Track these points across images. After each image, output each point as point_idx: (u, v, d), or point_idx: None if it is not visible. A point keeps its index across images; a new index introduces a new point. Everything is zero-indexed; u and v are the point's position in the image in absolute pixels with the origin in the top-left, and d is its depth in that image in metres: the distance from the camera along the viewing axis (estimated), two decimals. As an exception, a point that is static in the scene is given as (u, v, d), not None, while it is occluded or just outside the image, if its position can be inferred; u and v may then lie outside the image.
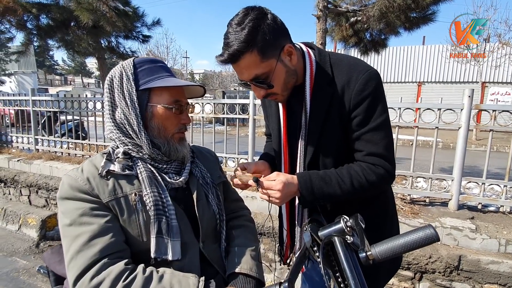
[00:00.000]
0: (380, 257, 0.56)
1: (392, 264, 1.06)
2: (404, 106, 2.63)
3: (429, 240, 0.52)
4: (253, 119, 3.30)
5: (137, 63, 0.81)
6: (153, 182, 0.76)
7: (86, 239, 0.68)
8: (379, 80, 0.86)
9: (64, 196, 0.73)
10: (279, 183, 0.81)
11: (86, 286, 0.64)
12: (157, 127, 0.80)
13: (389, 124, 0.88)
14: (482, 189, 2.58)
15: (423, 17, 3.73)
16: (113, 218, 0.73)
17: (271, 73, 0.83)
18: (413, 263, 2.31)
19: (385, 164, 0.85)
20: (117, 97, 0.79)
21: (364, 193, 0.86)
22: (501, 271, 2.15)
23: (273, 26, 0.80)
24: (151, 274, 0.69)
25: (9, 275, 2.23)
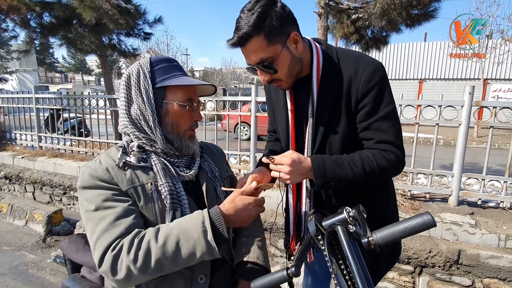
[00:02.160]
0: (381, 242, 0.60)
1: (391, 257, 1.09)
2: (405, 103, 2.65)
3: (426, 226, 0.55)
4: (255, 116, 3.33)
5: (154, 62, 0.85)
6: (167, 174, 0.81)
7: (112, 220, 0.73)
8: (384, 72, 0.90)
9: (86, 185, 0.77)
10: (289, 159, 0.85)
11: (109, 256, 0.70)
12: (170, 124, 0.84)
13: (396, 113, 0.91)
14: (482, 185, 2.61)
15: (425, 14, 3.73)
16: (133, 203, 0.78)
17: (276, 58, 0.86)
18: (413, 258, 2.35)
19: (396, 151, 0.88)
20: (134, 94, 0.83)
21: (375, 179, 0.88)
22: (500, 265, 2.18)
23: (281, 14, 0.84)
24: (158, 226, 0.75)
25: (18, 268, 2.28)
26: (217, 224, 0.74)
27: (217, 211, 0.77)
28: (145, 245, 0.70)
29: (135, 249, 0.70)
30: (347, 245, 0.67)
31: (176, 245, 0.71)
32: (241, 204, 0.78)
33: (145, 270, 0.70)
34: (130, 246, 0.70)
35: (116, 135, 5.14)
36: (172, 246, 0.71)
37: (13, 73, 23.31)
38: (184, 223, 0.74)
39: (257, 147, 3.44)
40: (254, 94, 3.30)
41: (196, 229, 0.72)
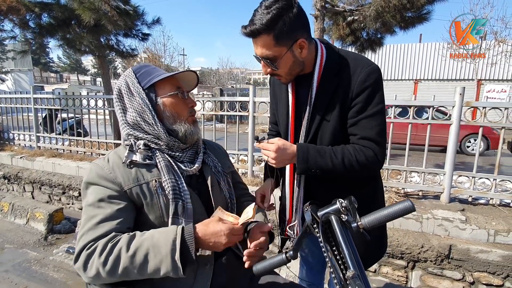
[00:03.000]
0: (368, 225, 0.67)
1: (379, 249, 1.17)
2: (399, 103, 2.74)
3: (407, 210, 0.63)
4: (253, 116, 3.40)
5: (135, 70, 0.93)
6: (171, 170, 0.87)
7: (98, 221, 0.79)
8: (379, 75, 0.97)
9: (91, 181, 0.84)
10: (274, 146, 0.94)
11: (84, 253, 0.76)
12: (171, 115, 0.91)
13: (384, 114, 0.98)
14: (473, 182, 2.70)
15: (418, 16, 3.83)
16: (126, 207, 0.82)
17: (280, 58, 0.94)
18: (406, 253, 2.43)
19: (375, 148, 0.95)
20: (127, 101, 0.90)
21: (353, 172, 0.95)
22: (490, 259, 2.27)
23: (294, 20, 0.90)
24: (135, 233, 0.79)
25: (21, 265, 2.32)
26: (187, 243, 0.75)
27: (190, 231, 0.77)
28: (116, 252, 0.74)
29: (106, 254, 0.74)
30: (339, 232, 0.73)
31: (144, 258, 0.74)
32: (212, 230, 0.78)
33: (112, 274, 0.74)
34: (103, 250, 0.75)
35: (114, 135, 5.18)
36: (140, 258, 0.74)
37: (8, 73, 23.12)
38: (156, 236, 0.77)
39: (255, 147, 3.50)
40: (252, 94, 3.36)
41: (166, 246, 0.74)
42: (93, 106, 4.48)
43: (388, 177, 2.97)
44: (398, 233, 2.50)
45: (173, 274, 0.74)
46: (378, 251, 1.15)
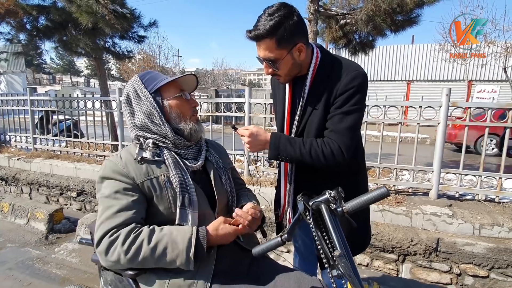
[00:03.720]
0: (351, 209, 0.76)
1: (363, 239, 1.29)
2: (389, 104, 2.85)
3: (383, 196, 0.73)
4: (249, 117, 3.48)
5: (141, 77, 1.02)
6: (177, 166, 0.95)
7: (115, 210, 0.87)
8: (364, 79, 1.07)
9: (106, 176, 0.92)
10: (248, 132, 1.08)
11: (106, 240, 0.85)
12: (177, 115, 1.00)
13: (359, 114, 1.08)
14: (459, 179, 2.83)
15: (408, 20, 3.96)
16: (139, 199, 0.91)
17: (280, 60, 1.04)
18: (396, 247, 2.54)
19: (341, 142, 1.04)
20: (135, 105, 0.99)
21: (318, 161, 1.05)
22: (475, 252, 2.39)
23: (294, 27, 1.01)
24: (154, 228, 0.89)
25: (24, 263, 2.37)
26: (201, 243, 0.87)
27: (204, 233, 0.89)
28: (138, 243, 0.84)
29: (129, 243, 0.83)
30: (328, 219, 0.83)
31: (163, 251, 0.84)
32: (222, 233, 0.91)
33: (131, 262, 0.84)
34: (126, 239, 0.84)
35: (111, 136, 5.22)
36: (160, 251, 0.84)
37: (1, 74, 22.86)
38: (175, 233, 0.87)
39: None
40: (247, 96, 3.45)
41: (183, 243, 0.85)
42: (90, 108, 4.52)
43: (380, 175, 3.08)
44: (389, 228, 2.61)
45: (185, 267, 0.85)
46: (363, 241, 1.26)
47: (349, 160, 1.07)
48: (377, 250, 2.63)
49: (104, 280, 1.00)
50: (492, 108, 2.62)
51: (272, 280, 0.92)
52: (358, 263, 2.68)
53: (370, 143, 3.14)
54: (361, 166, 1.25)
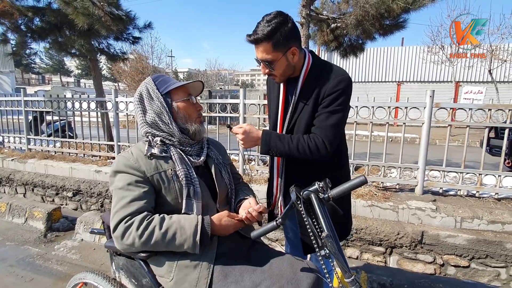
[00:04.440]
0: (335, 195, 0.88)
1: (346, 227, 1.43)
2: (377, 105, 3.00)
3: (361, 183, 0.85)
4: (243, 117, 3.59)
5: (154, 79, 1.13)
6: (183, 162, 1.06)
7: (129, 200, 0.98)
8: (348, 83, 1.20)
9: (119, 170, 1.02)
10: (242, 129, 1.19)
11: (122, 226, 0.95)
12: (184, 116, 1.11)
13: (343, 114, 1.21)
14: (443, 176, 2.99)
15: (396, 24, 4.13)
16: (149, 190, 1.02)
17: (276, 62, 1.17)
18: (384, 240, 2.68)
19: (325, 137, 1.17)
20: (147, 104, 1.10)
21: (305, 155, 1.18)
22: (457, 243, 2.55)
23: (288, 32, 1.14)
24: (164, 216, 0.99)
25: (25, 260, 2.42)
26: (206, 230, 0.98)
27: (208, 222, 1.00)
28: (151, 228, 0.94)
29: (143, 229, 0.94)
30: (317, 207, 0.95)
31: (172, 236, 0.95)
32: (225, 224, 1.03)
33: (144, 245, 0.94)
34: (140, 225, 0.94)
35: (106, 137, 5.25)
36: (170, 236, 0.95)
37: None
38: (183, 221, 0.98)
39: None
40: (242, 97, 3.56)
41: (190, 229, 0.96)
42: (85, 109, 4.55)
43: (369, 173, 3.23)
44: (377, 222, 2.76)
45: (191, 250, 0.96)
46: (345, 229, 1.42)
47: (333, 156, 1.20)
48: (366, 243, 2.77)
49: (116, 265, 1.09)
50: (472, 109, 2.80)
51: (268, 262, 1.03)
52: (348, 256, 2.81)
53: (361, 142, 3.27)
54: (344, 162, 1.39)
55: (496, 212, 2.66)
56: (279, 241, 2.79)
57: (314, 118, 1.22)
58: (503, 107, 2.73)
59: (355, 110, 3.09)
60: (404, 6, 3.32)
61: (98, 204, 3.98)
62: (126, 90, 19.02)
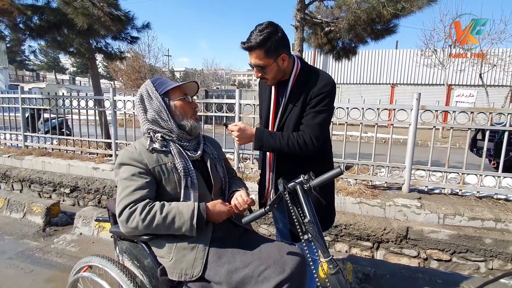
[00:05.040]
0: (316, 184, 1.00)
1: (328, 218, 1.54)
2: (366, 106, 3.14)
3: (338, 174, 0.97)
4: (239, 117, 3.70)
5: (153, 81, 1.25)
6: (181, 155, 1.17)
7: (133, 189, 1.09)
8: (333, 86, 1.34)
9: (124, 162, 1.13)
10: (237, 127, 1.31)
11: (126, 211, 1.06)
12: (180, 114, 1.23)
13: (328, 114, 1.33)
14: (428, 175, 3.14)
15: (386, 29, 4.29)
16: (151, 181, 1.13)
17: (267, 67, 1.30)
18: (371, 235, 2.82)
19: (312, 133, 1.30)
20: (148, 104, 1.21)
21: (294, 150, 1.29)
22: (439, 238, 2.69)
23: (279, 41, 1.27)
24: (164, 203, 1.10)
25: (24, 253, 2.49)
26: (201, 214, 1.08)
27: (204, 206, 1.11)
28: (153, 213, 1.05)
29: (145, 213, 1.05)
30: (302, 197, 1.06)
31: (172, 219, 1.05)
32: (218, 210, 1.13)
33: (147, 228, 1.05)
34: (143, 210, 1.05)
35: (103, 135, 5.31)
36: (169, 219, 1.05)
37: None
38: (181, 207, 1.09)
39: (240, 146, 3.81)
40: (238, 97, 3.67)
41: (187, 214, 1.07)
42: (83, 107, 4.62)
43: (359, 171, 3.37)
44: (365, 219, 2.89)
45: (189, 233, 1.07)
46: (329, 219, 1.54)
47: (319, 151, 1.32)
48: (355, 238, 2.90)
49: (120, 249, 1.20)
50: (455, 111, 2.95)
51: (258, 247, 1.14)
52: (338, 250, 2.94)
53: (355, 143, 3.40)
54: (329, 157, 1.51)
55: (477, 209, 2.81)
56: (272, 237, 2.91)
57: (302, 117, 1.34)
58: (484, 110, 2.89)
59: (345, 111, 3.22)
60: (393, 12, 3.46)
61: (95, 201, 4.06)
62: (122, 88, 18.99)
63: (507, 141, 4.71)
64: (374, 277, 1.98)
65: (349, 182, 3.38)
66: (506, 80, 15.17)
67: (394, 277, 1.96)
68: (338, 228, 2.90)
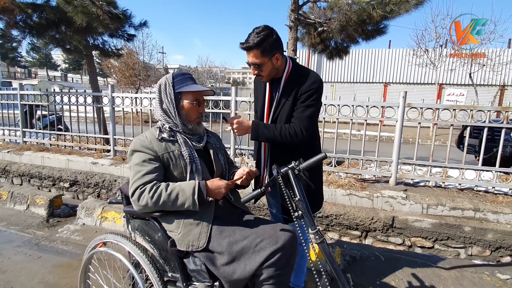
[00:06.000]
0: (304, 167, 1.17)
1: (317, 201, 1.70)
2: (356, 104, 3.32)
3: (323, 158, 1.14)
4: (235, 113, 3.84)
5: (174, 76, 1.38)
6: (187, 144, 1.32)
7: (143, 173, 1.24)
8: (321, 84, 1.52)
9: (136, 149, 1.28)
10: (236, 120, 1.46)
11: (138, 191, 1.21)
12: (185, 114, 1.37)
13: (316, 108, 1.50)
14: (413, 168, 3.34)
15: (377, 30, 4.47)
16: (159, 166, 1.28)
17: (263, 65, 1.46)
18: (360, 224, 3.00)
19: (302, 125, 1.46)
20: (163, 96, 1.35)
21: (286, 140, 1.46)
22: (423, 227, 2.89)
23: (274, 42, 1.44)
24: (168, 183, 1.24)
25: (31, 241, 2.61)
26: (202, 190, 1.21)
27: (204, 183, 1.23)
28: (159, 191, 1.20)
29: (153, 192, 1.19)
30: (293, 180, 1.23)
31: (175, 196, 1.20)
32: (217, 184, 1.25)
33: (155, 205, 1.19)
34: (151, 189, 1.20)
35: (101, 131, 5.40)
36: (174, 196, 1.20)
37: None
38: (183, 185, 1.23)
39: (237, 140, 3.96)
40: (234, 94, 3.81)
41: (189, 190, 1.20)
42: (82, 103, 4.70)
43: (349, 166, 3.55)
44: (354, 209, 3.07)
45: (192, 207, 1.21)
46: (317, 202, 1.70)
47: (308, 141, 1.49)
48: (345, 228, 3.08)
49: (132, 226, 1.34)
50: (439, 109, 3.14)
51: (255, 226, 1.30)
52: (330, 238, 3.12)
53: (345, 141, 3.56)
54: (317, 146, 1.67)
55: (458, 200, 3.01)
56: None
57: (294, 111, 1.51)
58: (465, 108, 3.09)
59: (337, 108, 3.40)
60: (383, 14, 3.64)
61: (95, 194, 4.17)
62: (116, 85, 18.92)
63: (492, 138, 4.96)
64: (360, 259, 2.16)
65: (340, 176, 3.56)
66: (495, 79, 15.61)
67: (378, 259, 2.14)
68: (329, 218, 3.08)
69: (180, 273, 1.20)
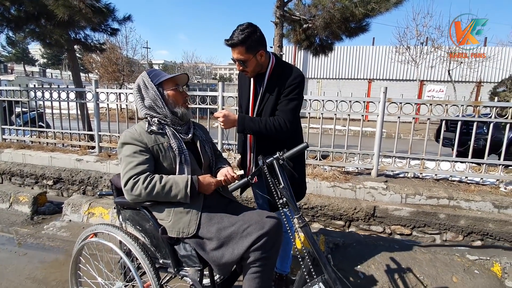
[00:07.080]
0: (287, 156, 1.25)
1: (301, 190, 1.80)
2: (340, 99, 3.43)
3: (305, 148, 1.23)
4: (222, 108, 3.89)
5: (148, 73, 1.44)
6: (176, 137, 1.37)
7: (135, 164, 1.28)
8: (303, 79, 1.60)
9: (127, 141, 1.31)
10: (222, 113, 1.53)
11: (131, 181, 1.25)
12: (173, 102, 1.42)
13: (299, 101, 1.58)
14: (393, 161, 3.50)
15: (360, 27, 4.60)
16: (150, 158, 1.32)
17: (248, 61, 1.53)
18: (343, 214, 3.13)
19: (285, 117, 1.54)
20: (144, 92, 1.40)
21: (271, 132, 1.53)
22: (401, 215, 3.05)
23: (257, 39, 1.50)
24: (162, 175, 1.30)
25: (16, 239, 2.58)
26: (194, 184, 1.28)
27: (196, 178, 1.31)
28: (153, 182, 1.25)
29: (147, 183, 1.24)
30: (278, 170, 1.30)
31: (169, 188, 1.25)
32: (207, 181, 1.34)
33: (148, 195, 1.24)
34: (145, 180, 1.25)
35: (85, 127, 5.30)
36: (167, 188, 1.25)
37: None
38: (177, 178, 1.29)
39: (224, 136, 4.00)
40: (220, 90, 3.85)
41: (182, 183, 1.27)
42: (64, 99, 4.60)
43: (333, 159, 3.67)
44: (338, 200, 3.20)
45: (184, 200, 1.28)
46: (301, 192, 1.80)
47: (292, 134, 1.57)
48: (329, 218, 3.21)
49: (123, 217, 1.38)
50: (417, 103, 3.30)
51: (242, 213, 1.37)
52: (314, 228, 3.24)
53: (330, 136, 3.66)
54: (300, 138, 1.76)
55: (434, 189, 3.19)
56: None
57: (277, 105, 1.58)
58: (441, 103, 3.26)
59: (321, 103, 3.50)
60: (364, 12, 3.76)
61: (80, 192, 4.12)
62: (99, 81, 18.40)
63: (467, 132, 5.24)
64: (342, 246, 2.28)
65: (325, 169, 3.69)
66: (472, 76, 16.28)
67: (359, 245, 2.27)
68: (314, 209, 3.20)
69: (171, 259, 1.26)
